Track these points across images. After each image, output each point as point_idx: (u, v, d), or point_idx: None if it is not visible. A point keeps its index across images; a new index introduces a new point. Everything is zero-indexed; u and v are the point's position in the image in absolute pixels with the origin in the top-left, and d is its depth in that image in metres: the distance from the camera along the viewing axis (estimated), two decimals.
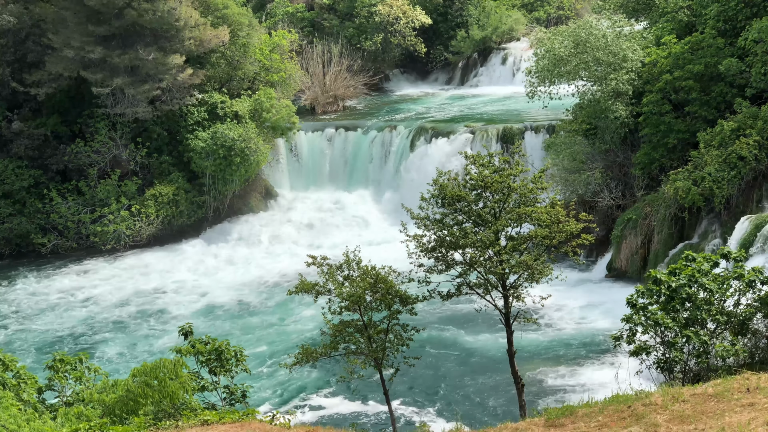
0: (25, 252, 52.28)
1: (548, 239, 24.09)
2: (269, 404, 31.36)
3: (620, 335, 21.98)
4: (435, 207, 24.91)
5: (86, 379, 23.89)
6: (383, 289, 24.28)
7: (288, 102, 56.08)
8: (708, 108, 40.60)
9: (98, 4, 49.52)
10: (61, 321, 42.38)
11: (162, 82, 51.74)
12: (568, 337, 36.16)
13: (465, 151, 30.31)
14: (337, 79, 66.58)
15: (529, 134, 51.22)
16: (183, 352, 22.84)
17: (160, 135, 53.60)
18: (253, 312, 42.37)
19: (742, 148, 36.80)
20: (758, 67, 38.67)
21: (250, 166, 52.96)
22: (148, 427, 18.56)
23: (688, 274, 21.43)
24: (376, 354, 24.18)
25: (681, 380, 20.75)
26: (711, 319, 21.21)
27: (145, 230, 51.49)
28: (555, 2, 78.89)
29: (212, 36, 52.82)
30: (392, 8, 71.62)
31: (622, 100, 43.19)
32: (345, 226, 53.40)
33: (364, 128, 58.47)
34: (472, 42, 72.83)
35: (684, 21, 44.82)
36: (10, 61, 52.88)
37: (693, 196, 37.29)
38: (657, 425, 14.85)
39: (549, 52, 44.76)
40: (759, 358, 21.14)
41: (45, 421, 20.37)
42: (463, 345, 36.35)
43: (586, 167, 43.95)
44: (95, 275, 48.55)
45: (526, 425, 16.88)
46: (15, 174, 51.92)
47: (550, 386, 31.81)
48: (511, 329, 24.86)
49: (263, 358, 36.09)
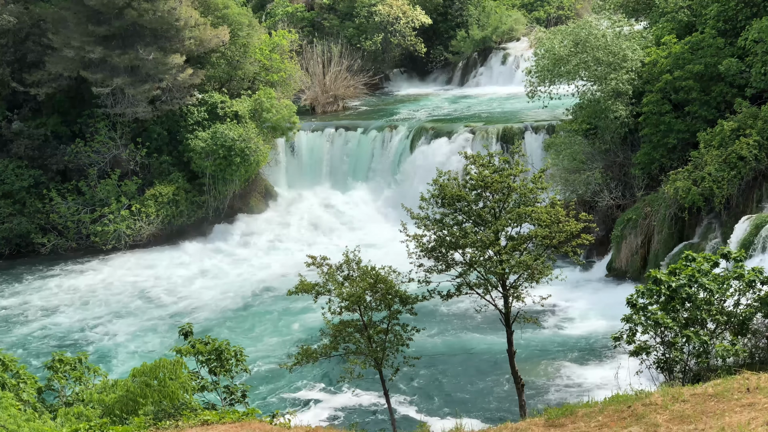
0: (25, 252, 52.28)
1: (548, 239, 24.09)
2: (269, 404, 31.35)
3: (620, 335, 21.97)
4: (435, 207, 24.91)
5: (86, 379, 23.91)
6: (383, 289, 24.29)
7: (288, 102, 56.07)
8: (708, 108, 40.60)
9: (98, 4, 49.53)
10: (61, 321, 42.35)
11: (162, 82, 51.74)
12: (568, 337, 36.15)
13: (465, 151, 30.29)
14: (337, 79, 66.59)
15: (529, 134, 51.22)
16: (183, 352, 22.85)
17: (160, 135, 53.60)
18: (253, 312, 42.35)
19: (742, 148, 36.79)
20: (758, 67, 38.67)
21: (250, 166, 52.97)
22: (148, 427, 18.56)
23: (688, 274, 21.42)
24: (376, 354, 24.18)
25: (681, 380, 20.74)
26: (711, 319, 21.20)
27: (145, 230, 51.50)
28: (555, 2, 78.88)
29: (212, 36, 52.84)
30: (392, 8, 71.64)
31: (622, 100, 43.18)
32: (345, 226, 53.40)
33: (364, 128, 58.48)
34: (472, 42, 72.84)
35: (684, 21, 44.80)
36: (10, 61, 52.88)
37: (693, 196, 37.28)
38: (657, 425, 14.85)
39: (549, 51, 44.75)
40: (759, 358, 21.14)
41: (45, 421, 20.38)
42: (463, 345, 36.34)
43: (586, 167, 43.94)
44: (95, 275, 48.52)
45: (526, 425, 16.88)
46: (15, 174, 51.92)
47: (550, 386, 31.80)
48: (511, 329, 24.86)
49: (263, 358, 36.08)
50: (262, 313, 42.06)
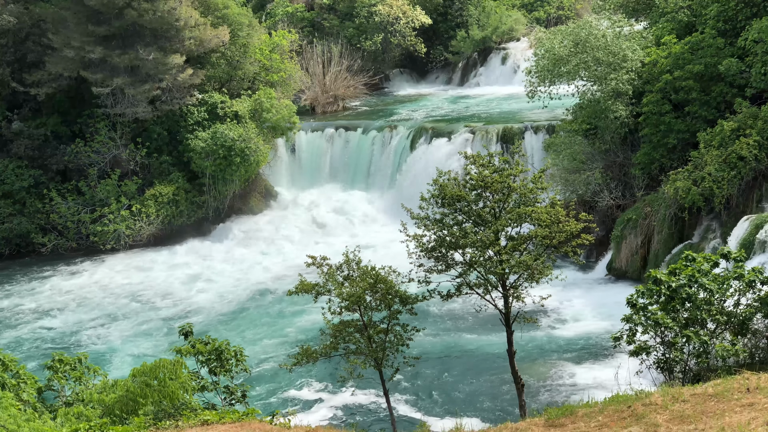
0: (25, 252, 52.30)
1: (548, 239, 24.08)
2: (269, 404, 31.34)
3: (620, 335, 21.98)
4: (435, 207, 24.91)
5: (86, 379, 23.91)
6: (383, 289, 24.29)
7: (288, 102, 56.09)
8: (708, 108, 40.60)
9: (98, 4, 49.53)
10: (61, 321, 42.33)
11: (162, 82, 51.74)
12: (568, 337, 36.14)
13: (465, 151, 30.30)
14: (337, 79, 66.59)
15: (529, 134, 51.21)
16: (183, 352, 22.86)
17: (160, 135, 53.60)
18: (253, 312, 42.34)
19: (742, 148, 36.79)
20: (758, 67, 38.67)
21: (250, 166, 52.98)
22: (148, 427, 18.57)
23: (688, 274, 21.43)
24: (376, 354, 24.18)
25: (681, 380, 20.74)
26: (711, 319, 21.21)
27: (145, 230, 51.51)
28: (555, 2, 78.88)
29: (212, 36, 52.84)
30: (392, 8, 71.63)
31: (622, 100, 43.18)
32: (345, 226, 53.39)
33: (364, 128, 58.47)
34: (472, 42, 72.83)
35: (684, 21, 44.80)
36: (10, 61, 52.90)
37: (693, 196, 37.28)
38: (657, 425, 14.85)
39: (549, 51, 44.75)
40: (759, 358, 21.15)
41: (45, 421, 20.39)
42: (463, 345, 36.33)
43: (586, 167, 43.94)
44: (95, 275, 48.52)
45: (526, 425, 16.88)
46: (15, 174, 51.93)
47: (550, 386, 31.79)
48: (511, 329, 24.86)
49: (263, 358, 36.08)
50: (262, 313, 42.05)
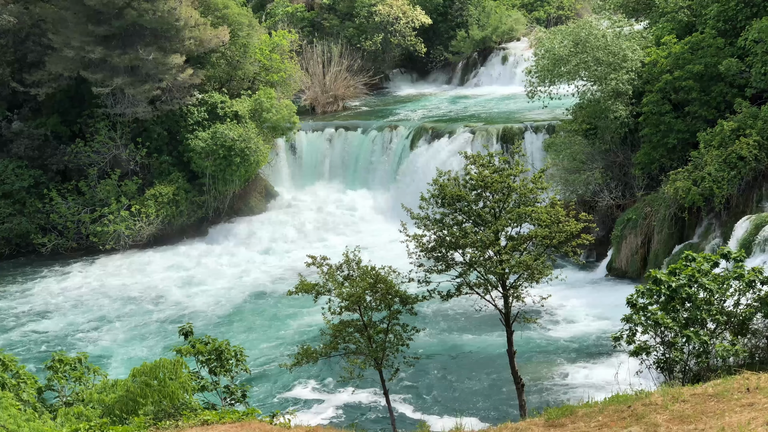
0: (25, 252, 52.28)
1: (548, 239, 24.09)
2: (269, 404, 31.34)
3: (620, 335, 21.96)
4: (435, 207, 24.91)
5: (86, 379, 23.90)
6: (383, 289, 24.29)
7: (288, 102, 56.08)
8: (708, 108, 40.60)
9: (98, 4, 49.51)
10: (61, 321, 42.33)
11: (162, 82, 51.72)
12: (568, 337, 36.14)
13: (465, 151, 30.28)
14: (337, 79, 66.58)
15: (529, 134, 51.20)
16: (183, 352, 22.86)
17: (160, 135, 53.60)
18: (253, 312, 42.34)
19: (742, 148, 36.79)
20: (758, 67, 38.67)
21: (250, 166, 52.97)
22: (148, 427, 18.56)
23: (688, 274, 21.42)
24: (376, 354, 24.18)
25: (681, 380, 20.73)
26: (711, 319, 21.20)
27: (145, 230, 51.49)
28: (555, 2, 78.87)
29: (212, 36, 52.82)
30: (392, 8, 71.60)
31: (622, 100, 43.18)
32: (345, 226, 53.38)
33: (364, 128, 58.47)
34: (472, 42, 72.80)
35: (684, 21, 44.80)
36: (10, 61, 52.89)
37: (693, 196, 37.28)
38: (657, 425, 14.85)
39: (549, 51, 44.74)
40: (759, 358, 21.14)
41: (45, 421, 20.38)
42: (463, 345, 36.33)
43: (586, 167, 43.95)
44: (95, 275, 48.50)
45: (526, 425, 16.87)
46: (15, 174, 51.91)
47: (550, 386, 31.79)
48: (511, 329, 24.87)
49: (263, 358, 36.08)
50: (262, 313, 42.05)
